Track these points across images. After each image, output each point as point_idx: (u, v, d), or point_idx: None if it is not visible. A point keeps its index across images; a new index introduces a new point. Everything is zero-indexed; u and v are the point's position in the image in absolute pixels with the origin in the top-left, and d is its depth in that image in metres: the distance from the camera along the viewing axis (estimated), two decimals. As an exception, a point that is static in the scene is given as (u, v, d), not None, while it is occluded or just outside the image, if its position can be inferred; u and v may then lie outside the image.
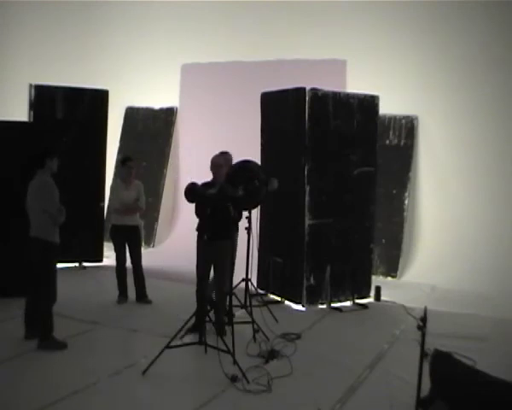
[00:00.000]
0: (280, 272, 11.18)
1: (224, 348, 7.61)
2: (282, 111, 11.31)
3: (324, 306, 10.88)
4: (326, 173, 10.73)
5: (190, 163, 15.64)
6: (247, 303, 9.54)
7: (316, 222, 10.71)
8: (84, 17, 15.90)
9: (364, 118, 11.21)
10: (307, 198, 10.63)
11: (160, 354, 7.50)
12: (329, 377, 7.64)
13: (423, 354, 6.01)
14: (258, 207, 9.70)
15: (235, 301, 9.19)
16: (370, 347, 8.79)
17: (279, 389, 7.13)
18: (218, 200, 8.33)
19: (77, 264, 13.15)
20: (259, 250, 10.56)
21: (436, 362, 6.10)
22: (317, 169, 10.67)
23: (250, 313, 9.13)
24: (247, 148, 10.77)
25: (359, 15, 13.14)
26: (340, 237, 10.88)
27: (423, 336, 5.99)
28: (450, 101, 13.05)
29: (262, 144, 11.84)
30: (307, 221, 10.65)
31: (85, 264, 13.35)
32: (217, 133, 15.07)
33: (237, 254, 9.56)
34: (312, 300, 10.76)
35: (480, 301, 11.03)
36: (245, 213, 9.48)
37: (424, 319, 5.99)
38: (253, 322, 8.85)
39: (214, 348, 7.69)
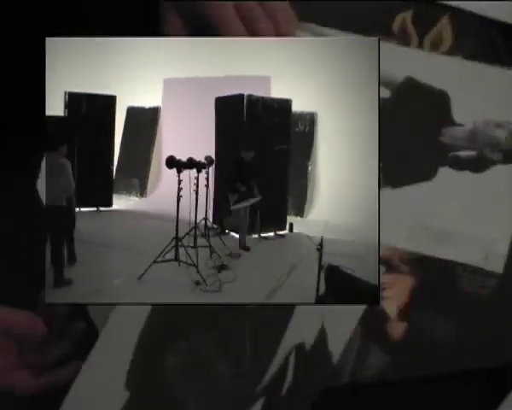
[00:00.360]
0: (227, 213, 11.08)
1: (191, 262, 7.62)
2: (229, 111, 11.20)
3: (256, 236, 10.89)
4: (257, 152, 10.58)
5: (171, 143, 15.42)
6: (207, 233, 9.63)
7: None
8: (99, 48, 15.32)
9: (282, 114, 11.20)
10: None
11: (150, 266, 7.47)
12: (260, 281, 7.69)
13: (320, 267, 6.12)
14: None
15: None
16: (286, 262, 8.89)
17: (227, 290, 7.21)
18: None
19: (95, 208, 12.92)
20: (214, 199, 11.06)
21: (329, 272, 6.18)
22: (251, 149, 10.43)
23: (208, 240, 9.12)
24: (206, 138, 10.70)
25: (280, 45, 12.92)
26: (266, 192, 10.78)
27: (320, 255, 6.10)
28: (338, 102, 13.06)
29: (216, 135, 11.77)
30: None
31: (101, 208, 13.07)
32: (187, 126, 14.94)
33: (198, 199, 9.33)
34: (248, 232, 10.65)
35: (357, 231, 11.13)
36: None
37: (321, 244, 6.10)
38: (210, 246, 8.81)
39: (185, 263, 7.69)
